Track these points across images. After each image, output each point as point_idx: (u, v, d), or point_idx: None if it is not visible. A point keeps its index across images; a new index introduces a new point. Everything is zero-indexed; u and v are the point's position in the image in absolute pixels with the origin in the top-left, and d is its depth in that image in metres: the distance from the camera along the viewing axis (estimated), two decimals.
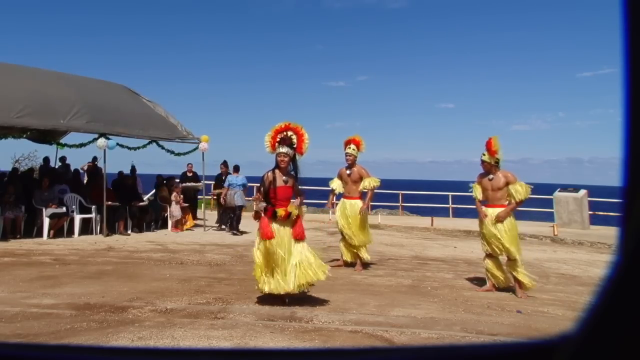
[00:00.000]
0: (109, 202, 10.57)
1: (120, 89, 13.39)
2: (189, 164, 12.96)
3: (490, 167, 5.91)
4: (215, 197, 12.87)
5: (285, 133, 5.13)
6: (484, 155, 5.92)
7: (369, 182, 7.29)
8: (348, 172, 7.44)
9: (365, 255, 7.33)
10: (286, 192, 5.13)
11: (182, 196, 12.01)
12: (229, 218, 11.53)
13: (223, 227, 11.81)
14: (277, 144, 5.10)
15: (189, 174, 12.96)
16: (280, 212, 5.00)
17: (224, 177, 11.92)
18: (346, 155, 7.43)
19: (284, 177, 5.13)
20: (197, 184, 12.68)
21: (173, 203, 11.76)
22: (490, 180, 5.92)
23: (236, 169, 11.67)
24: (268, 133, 5.16)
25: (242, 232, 11.15)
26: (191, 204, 12.57)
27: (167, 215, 11.94)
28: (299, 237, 5.08)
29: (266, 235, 4.95)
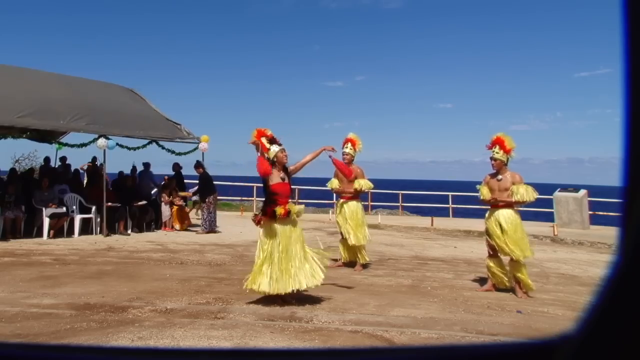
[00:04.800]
0: (109, 203, 10.58)
1: (119, 90, 13.41)
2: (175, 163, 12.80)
3: (501, 166, 5.83)
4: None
5: (264, 135, 5.24)
6: (496, 152, 5.79)
7: (360, 185, 7.33)
8: None
9: (364, 257, 7.33)
10: (285, 188, 5.17)
11: (172, 197, 11.95)
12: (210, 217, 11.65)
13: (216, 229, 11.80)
14: (269, 144, 5.20)
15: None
16: (280, 210, 5.02)
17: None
18: (343, 155, 7.45)
19: (281, 174, 5.18)
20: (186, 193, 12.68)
21: (163, 203, 11.79)
22: (498, 180, 5.83)
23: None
24: (253, 140, 5.22)
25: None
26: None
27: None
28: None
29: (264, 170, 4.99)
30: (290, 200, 5.31)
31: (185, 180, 13.08)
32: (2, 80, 10.17)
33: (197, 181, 12.34)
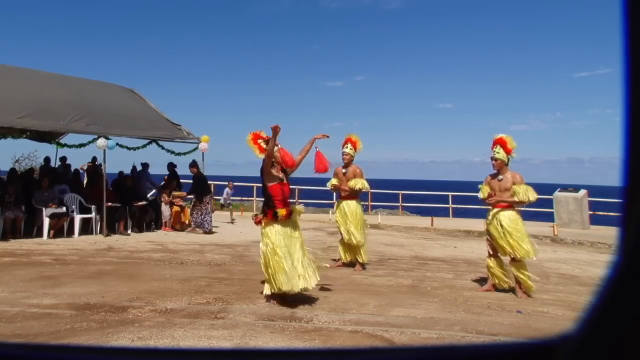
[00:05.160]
0: (109, 203, 10.58)
1: (119, 90, 13.41)
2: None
3: (502, 166, 5.83)
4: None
5: (260, 138, 5.30)
6: (497, 152, 5.80)
7: (355, 184, 7.33)
8: (344, 171, 7.47)
9: (363, 257, 7.33)
10: (285, 189, 5.19)
11: (171, 197, 11.94)
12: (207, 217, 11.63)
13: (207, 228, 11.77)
14: (265, 145, 5.22)
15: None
16: (282, 211, 5.03)
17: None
18: (343, 154, 7.46)
19: (280, 175, 5.17)
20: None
21: (162, 203, 11.80)
22: (499, 180, 5.83)
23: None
24: (250, 144, 5.27)
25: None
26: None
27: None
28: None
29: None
30: (290, 200, 5.33)
31: (180, 180, 13.10)
32: (2, 80, 10.17)
33: (191, 181, 12.32)
